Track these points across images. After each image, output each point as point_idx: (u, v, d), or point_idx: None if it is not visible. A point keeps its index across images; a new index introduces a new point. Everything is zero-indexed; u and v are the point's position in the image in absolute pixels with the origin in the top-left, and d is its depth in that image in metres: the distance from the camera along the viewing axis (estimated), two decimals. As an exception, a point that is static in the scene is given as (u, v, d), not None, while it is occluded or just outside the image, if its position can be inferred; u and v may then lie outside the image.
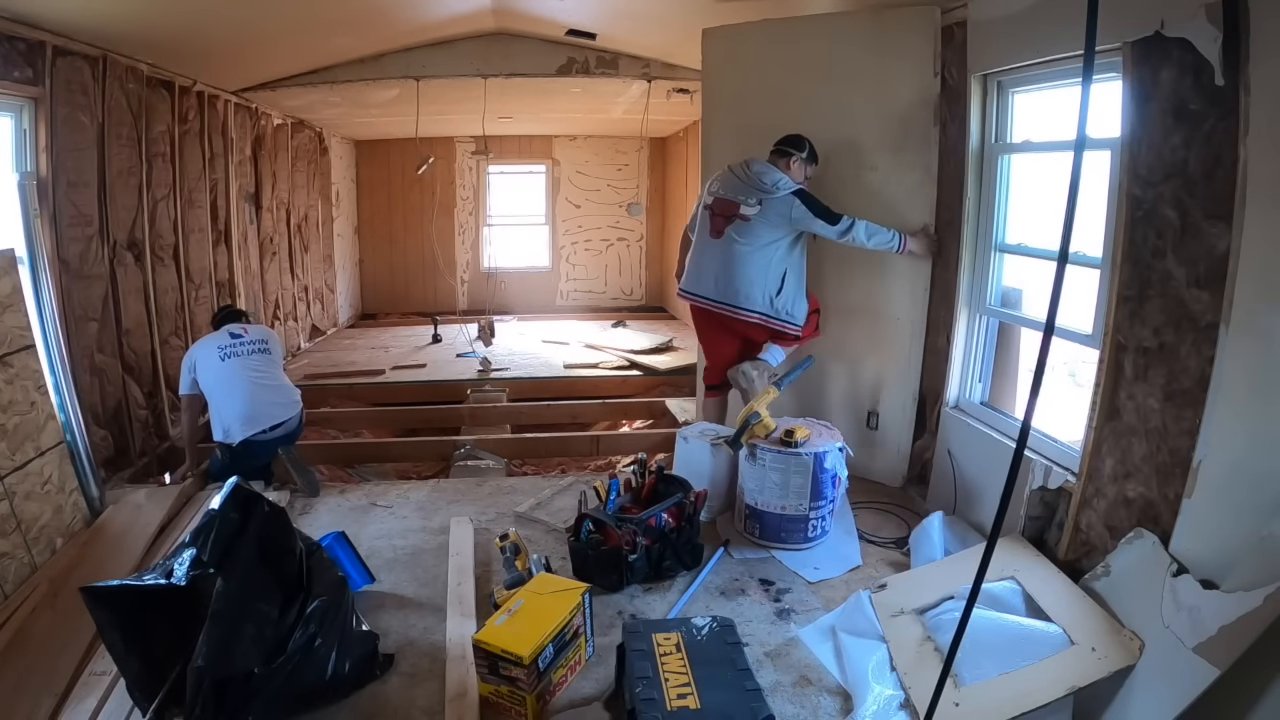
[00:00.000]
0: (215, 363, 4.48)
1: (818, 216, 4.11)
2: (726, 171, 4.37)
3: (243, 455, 4.43)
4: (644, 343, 8.20)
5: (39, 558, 3.42)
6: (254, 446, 4.47)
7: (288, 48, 5.87)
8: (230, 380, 4.46)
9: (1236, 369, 2.29)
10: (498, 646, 2.58)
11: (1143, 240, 2.70)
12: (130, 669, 2.51)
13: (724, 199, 4.30)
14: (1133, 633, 2.47)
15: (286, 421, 4.60)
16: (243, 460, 4.42)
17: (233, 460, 4.43)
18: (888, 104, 4.27)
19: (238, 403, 4.42)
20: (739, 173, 4.31)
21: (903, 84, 4.22)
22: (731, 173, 4.34)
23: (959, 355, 4.07)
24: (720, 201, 4.31)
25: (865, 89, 4.31)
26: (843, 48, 4.32)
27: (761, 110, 4.60)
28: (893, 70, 4.22)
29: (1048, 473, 3.26)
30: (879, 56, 4.24)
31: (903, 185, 4.31)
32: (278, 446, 4.59)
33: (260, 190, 7.45)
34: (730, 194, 4.28)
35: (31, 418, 3.52)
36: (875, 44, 4.24)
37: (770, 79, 4.58)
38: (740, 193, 4.25)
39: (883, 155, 4.34)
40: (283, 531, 2.73)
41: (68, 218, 4.39)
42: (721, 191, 4.32)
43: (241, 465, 4.36)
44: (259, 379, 4.57)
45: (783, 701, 2.71)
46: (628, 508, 3.71)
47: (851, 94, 4.35)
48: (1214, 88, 2.35)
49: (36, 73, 4.08)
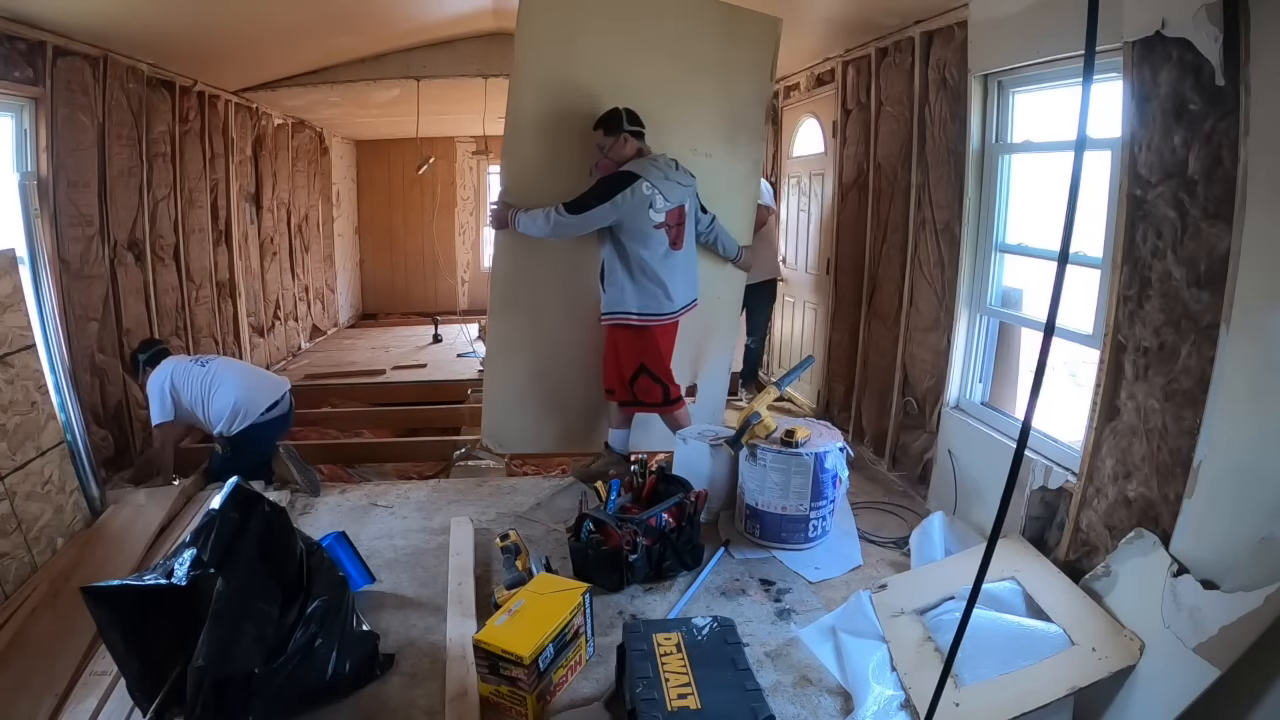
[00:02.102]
0: (195, 370, 4.52)
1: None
2: (661, 179, 4.04)
3: (243, 444, 4.46)
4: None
5: (39, 558, 3.42)
6: (254, 433, 4.49)
7: (288, 48, 5.88)
8: (216, 378, 4.50)
9: (1237, 369, 2.29)
10: (498, 646, 2.58)
11: (1143, 240, 2.70)
12: (130, 669, 2.51)
13: (673, 208, 4.12)
14: (1133, 633, 2.47)
15: (279, 402, 4.64)
16: (244, 450, 4.46)
17: (234, 453, 4.45)
18: (729, 97, 4.48)
19: (230, 393, 4.45)
20: (665, 171, 4.09)
21: (744, 81, 4.47)
22: (664, 175, 4.07)
23: (959, 355, 4.07)
24: (672, 212, 4.12)
25: (710, 79, 4.40)
26: (694, 34, 4.33)
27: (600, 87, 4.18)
28: (736, 67, 4.41)
29: (1048, 473, 3.26)
30: (727, 51, 4.36)
31: (734, 174, 4.59)
32: (276, 433, 4.65)
33: (261, 190, 7.45)
34: (675, 199, 4.11)
35: (32, 418, 3.53)
36: (725, 37, 4.35)
37: (611, 53, 4.21)
38: (678, 194, 4.13)
39: (718, 144, 4.53)
40: (283, 531, 2.73)
41: (68, 218, 4.40)
42: (669, 201, 4.09)
43: (243, 456, 4.41)
44: (242, 367, 4.81)
45: (783, 702, 2.71)
46: (628, 508, 3.71)
47: (698, 81, 4.39)
48: (1214, 87, 2.34)
49: (37, 73, 4.09)
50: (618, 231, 4.06)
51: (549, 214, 4.00)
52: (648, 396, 4.38)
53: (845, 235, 5.39)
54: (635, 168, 4.02)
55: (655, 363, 4.33)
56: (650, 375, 4.34)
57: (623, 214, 3.99)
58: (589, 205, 3.97)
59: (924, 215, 4.32)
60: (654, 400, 4.39)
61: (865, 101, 4.96)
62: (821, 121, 5.82)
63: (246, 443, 4.48)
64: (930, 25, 4.15)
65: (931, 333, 4.30)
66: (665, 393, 4.38)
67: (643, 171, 4.00)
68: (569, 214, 3.98)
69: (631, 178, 3.97)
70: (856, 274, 5.16)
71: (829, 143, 5.63)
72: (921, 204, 4.34)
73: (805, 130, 6.21)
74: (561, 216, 3.98)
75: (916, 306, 4.44)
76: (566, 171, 4.19)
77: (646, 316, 4.20)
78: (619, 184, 3.97)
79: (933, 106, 4.19)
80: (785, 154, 6.56)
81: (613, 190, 3.96)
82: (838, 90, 5.36)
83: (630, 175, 3.98)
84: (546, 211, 4.00)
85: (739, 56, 4.39)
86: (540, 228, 4.04)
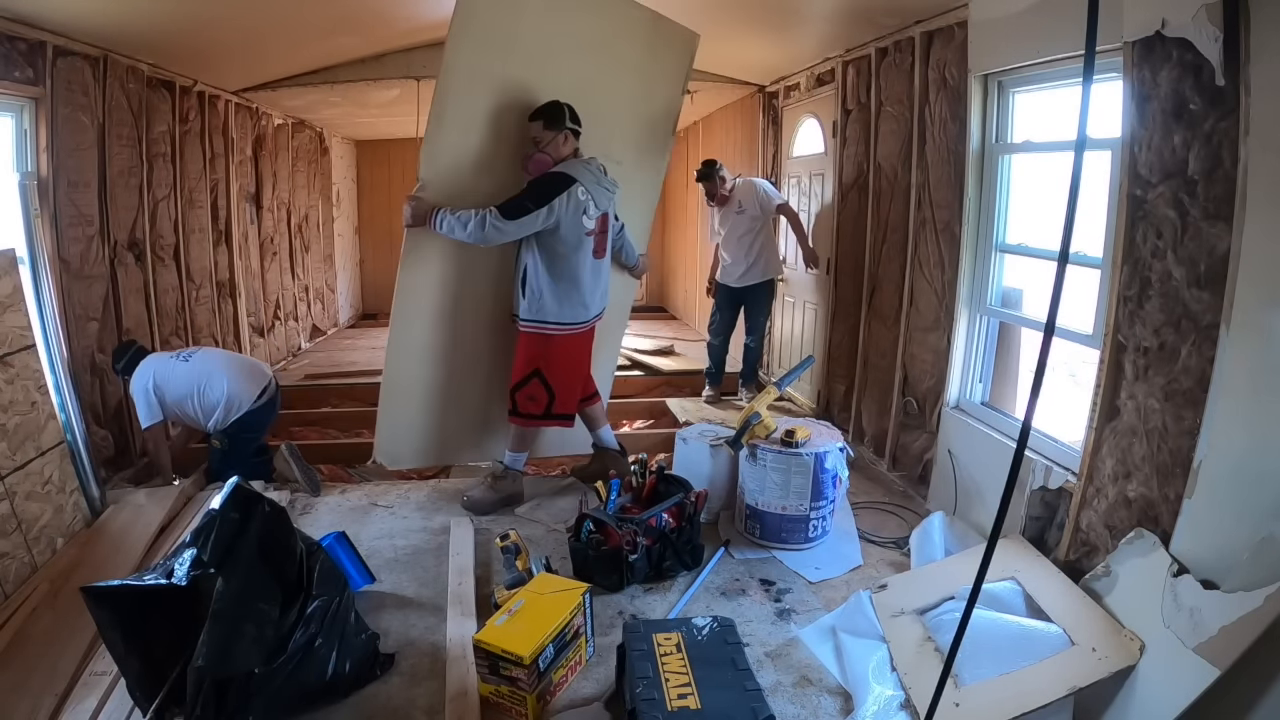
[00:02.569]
0: (179, 366, 4.45)
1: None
2: (594, 184, 3.92)
3: (239, 434, 4.48)
4: (646, 344, 8.20)
5: (39, 558, 3.42)
6: (248, 421, 4.50)
7: (288, 48, 5.87)
8: (202, 371, 4.44)
9: (1237, 369, 2.29)
10: (498, 646, 2.58)
11: (1143, 240, 2.70)
12: (130, 669, 2.51)
13: (600, 215, 4.01)
14: (1133, 633, 2.47)
15: (267, 388, 4.62)
16: (240, 441, 4.50)
17: (231, 444, 4.48)
18: (645, 105, 4.47)
19: (220, 387, 4.41)
20: (597, 176, 3.96)
21: (660, 91, 4.47)
22: (595, 180, 3.94)
23: (959, 355, 4.07)
24: (600, 219, 4.01)
25: (632, 84, 4.37)
26: (620, 37, 4.26)
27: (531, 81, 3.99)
28: (655, 75, 4.39)
29: (1048, 473, 3.26)
30: (648, 58, 4.33)
31: (637, 182, 4.53)
32: (268, 419, 4.73)
33: (261, 190, 7.45)
34: (603, 206, 4.01)
35: (32, 417, 3.53)
36: (647, 45, 4.32)
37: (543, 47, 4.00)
38: (605, 201, 4.02)
39: (629, 151, 4.46)
40: (283, 531, 2.73)
41: (68, 218, 4.39)
42: (599, 208, 3.97)
43: (240, 446, 4.48)
44: (227, 357, 4.75)
45: (783, 702, 2.71)
46: (628, 508, 3.71)
47: (619, 85, 4.35)
48: (1214, 87, 2.35)
49: (37, 73, 4.09)
50: (546, 236, 3.87)
51: (483, 219, 3.71)
52: (530, 405, 4.16)
53: (845, 235, 5.39)
54: (570, 170, 3.85)
55: (556, 370, 4.13)
56: (542, 381, 4.12)
57: (558, 219, 3.81)
58: (526, 209, 3.74)
59: (924, 215, 4.32)
60: (535, 411, 4.17)
61: (865, 101, 4.96)
62: (821, 121, 5.81)
63: (242, 432, 4.51)
64: (930, 25, 4.15)
65: (931, 333, 4.30)
66: (549, 405, 4.15)
67: (578, 175, 3.84)
68: (505, 220, 3.72)
69: (568, 181, 3.80)
70: (857, 274, 5.16)
71: (829, 143, 5.63)
72: (922, 204, 4.34)
73: (805, 130, 6.21)
74: (497, 222, 3.72)
75: (916, 306, 4.44)
76: (490, 168, 3.99)
77: (564, 326, 4.05)
78: (555, 188, 3.78)
79: (933, 106, 4.19)
80: (785, 154, 6.56)
81: (549, 194, 3.76)
82: (838, 90, 5.36)
83: (566, 178, 3.81)
84: (480, 216, 3.71)
85: (658, 65, 4.36)
86: (469, 232, 3.73)
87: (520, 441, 4.34)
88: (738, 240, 5.97)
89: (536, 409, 4.16)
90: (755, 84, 6.91)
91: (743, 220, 5.92)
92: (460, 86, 3.83)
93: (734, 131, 7.84)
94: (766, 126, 6.88)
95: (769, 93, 6.82)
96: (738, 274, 6.07)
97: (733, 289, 6.14)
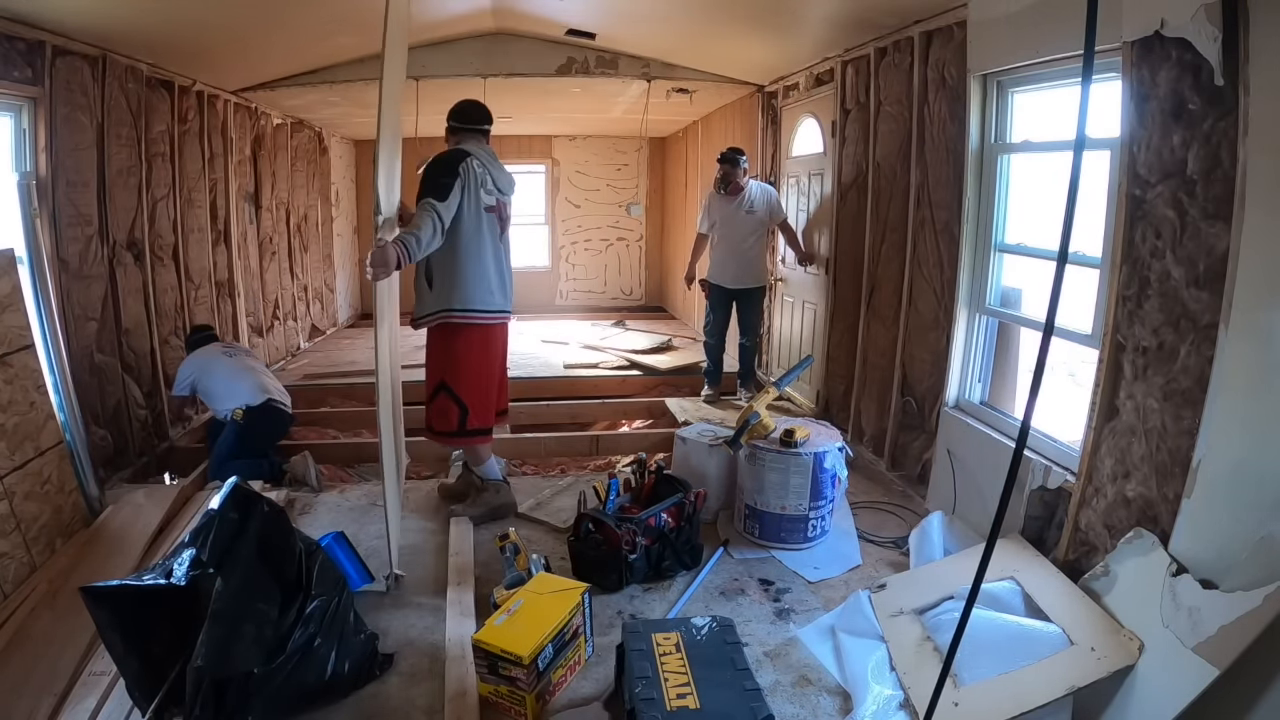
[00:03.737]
0: (223, 360, 5.08)
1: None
2: (492, 163, 3.89)
3: (259, 421, 4.90)
4: (644, 343, 8.20)
5: (38, 557, 3.42)
6: (272, 414, 4.99)
7: (287, 47, 5.87)
8: (241, 370, 5.05)
9: (1236, 369, 2.29)
10: (497, 646, 2.58)
11: (1142, 240, 2.70)
12: (130, 669, 2.51)
13: (503, 200, 3.94)
14: (1132, 633, 2.47)
15: (287, 404, 5.22)
16: (257, 430, 4.90)
17: (247, 425, 4.81)
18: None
19: (249, 379, 5.00)
20: (501, 166, 3.95)
21: None
22: (498, 166, 3.93)
23: (958, 355, 4.07)
24: (501, 204, 3.92)
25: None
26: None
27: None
28: None
29: (1047, 472, 3.27)
30: None
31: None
32: (284, 427, 5.22)
33: (260, 190, 7.44)
34: (505, 192, 3.95)
35: (31, 417, 3.53)
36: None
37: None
38: (506, 183, 3.96)
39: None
40: (282, 531, 2.74)
41: (67, 217, 4.39)
42: (502, 192, 3.91)
43: (253, 435, 4.85)
44: (261, 368, 5.36)
45: (782, 701, 2.71)
46: (627, 508, 3.71)
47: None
48: (1213, 87, 2.35)
49: (36, 72, 4.08)
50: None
51: (431, 218, 3.52)
52: (442, 422, 3.97)
53: (845, 235, 5.39)
54: (463, 147, 3.83)
55: (463, 377, 3.94)
56: (450, 395, 3.93)
57: (467, 187, 3.70)
58: (445, 185, 3.61)
59: (923, 215, 4.32)
60: (448, 429, 3.97)
61: (864, 101, 4.96)
62: (820, 121, 5.81)
63: (262, 421, 4.91)
64: (929, 25, 4.15)
65: (931, 332, 4.30)
66: (462, 420, 3.94)
67: (470, 150, 3.79)
68: (441, 202, 3.57)
69: (462, 153, 3.75)
70: (856, 274, 5.16)
71: (828, 142, 5.63)
72: (921, 204, 4.34)
73: (804, 130, 6.21)
74: (439, 208, 3.56)
75: (916, 306, 4.44)
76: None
77: (470, 313, 3.85)
78: (454, 159, 3.72)
79: (932, 106, 4.19)
80: (784, 154, 6.56)
81: (453, 165, 3.68)
82: (837, 90, 5.36)
83: (460, 151, 3.77)
84: (429, 218, 3.52)
85: None
86: (433, 234, 3.54)
87: (474, 455, 4.19)
88: (740, 240, 6.00)
89: (449, 426, 3.97)
90: (754, 84, 6.91)
91: (750, 221, 5.96)
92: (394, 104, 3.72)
93: (733, 131, 7.83)
94: (766, 126, 6.88)
95: (768, 92, 6.82)
96: (732, 274, 6.09)
97: (726, 289, 6.15)
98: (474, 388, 3.96)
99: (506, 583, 3.29)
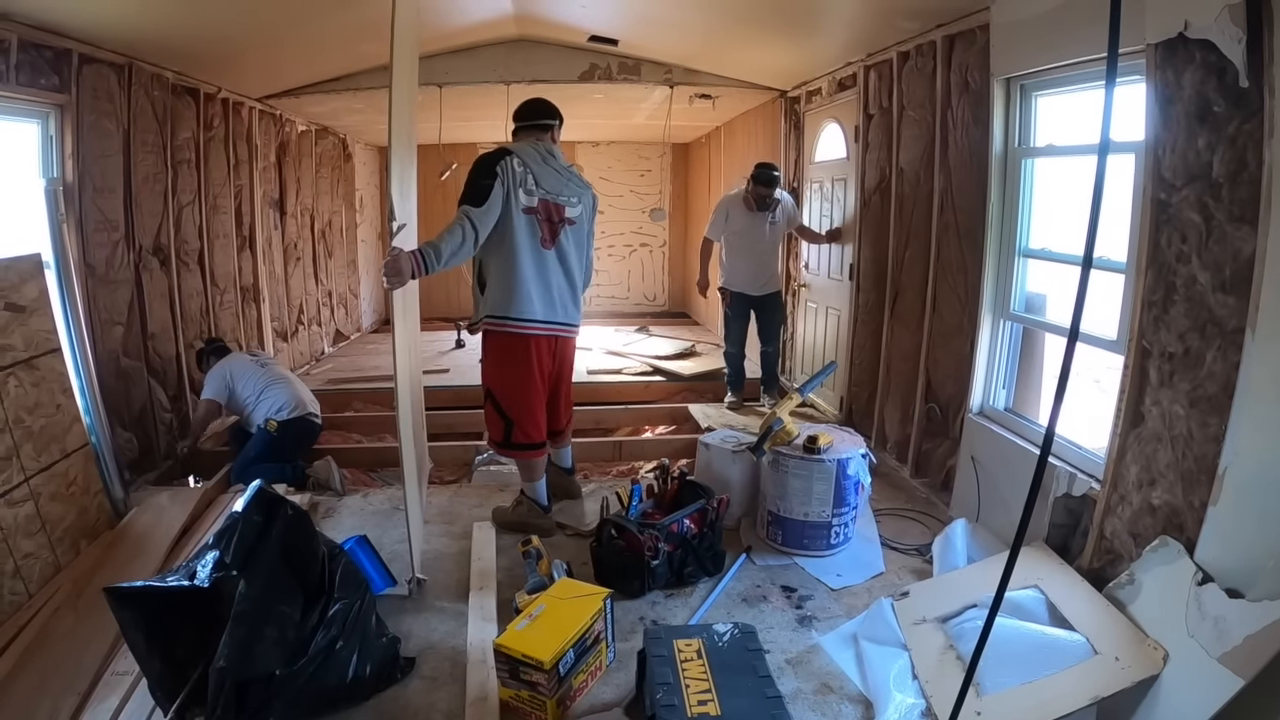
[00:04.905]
0: (255, 368, 5.08)
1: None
2: (537, 161, 3.72)
3: (289, 432, 4.85)
4: (667, 349, 8.20)
5: (63, 558, 3.46)
6: (301, 425, 4.96)
7: (312, 55, 5.92)
8: (274, 379, 5.05)
9: (1263, 374, 2.26)
10: (519, 651, 2.59)
11: (1167, 244, 2.68)
12: (152, 669, 2.53)
13: (551, 201, 3.74)
14: (1156, 642, 2.44)
15: (318, 414, 5.20)
16: (286, 437, 4.84)
17: (277, 439, 4.76)
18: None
19: (285, 391, 4.98)
20: (553, 165, 3.77)
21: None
22: (545, 164, 3.75)
23: (983, 361, 4.04)
24: (547, 205, 3.73)
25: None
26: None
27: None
28: None
29: (1072, 480, 3.23)
30: None
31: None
32: (312, 439, 5.16)
33: (284, 196, 7.50)
34: (556, 193, 3.76)
35: (57, 420, 3.57)
36: None
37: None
38: (564, 191, 3.80)
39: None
40: (305, 535, 2.75)
41: (94, 223, 4.44)
42: (549, 191, 3.72)
43: (281, 446, 4.77)
44: (293, 378, 5.32)
45: (804, 709, 2.70)
46: (650, 513, 3.71)
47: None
48: (1238, 89, 2.33)
49: (63, 80, 4.13)
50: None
51: (462, 225, 3.43)
52: (493, 430, 3.94)
53: (868, 240, 5.37)
54: (509, 147, 3.73)
55: (507, 389, 3.86)
56: (494, 405, 3.87)
57: (507, 188, 3.56)
58: (485, 187, 3.51)
59: (947, 220, 4.30)
60: (497, 438, 3.94)
61: (887, 106, 4.94)
62: (844, 126, 5.80)
63: (291, 432, 4.87)
64: (952, 29, 4.12)
65: (955, 338, 4.27)
66: (508, 433, 3.88)
67: (515, 149, 3.69)
68: (476, 208, 3.47)
69: (503, 152, 3.63)
70: (879, 279, 5.14)
71: (851, 148, 5.61)
72: (944, 208, 4.32)
73: (827, 135, 6.19)
74: (473, 214, 3.46)
75: (939, 312, 4.42)
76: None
77: (508, 322, 3.74)
78: (492, 159, 3.59)
79: (955, 110, 4.17)
80: (807, 159, 6.54)
81: (490, 166, 3.55)
82: (859, 95, 5.35)
83: (501, 150, 3.65)
84: (459, 226, 3.43)
85: None
86: (462, 243, 3.42)
87: (523, 470, 4.10)
88: (766, 250, 6.02)
89: (497, 435, 3.95)
90: (777, 89, 6.90)
91: (774, 230, 6.01)
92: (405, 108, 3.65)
93: (755, 137, 7.82)
94: (788, 132, 6.87)
95: (790, 98, 6.81)
96: (761, 281, 6.08)
97: (752, 297, 6.14)
98: (516, 401, 3.88)
99: (528, 588, 3.30)
